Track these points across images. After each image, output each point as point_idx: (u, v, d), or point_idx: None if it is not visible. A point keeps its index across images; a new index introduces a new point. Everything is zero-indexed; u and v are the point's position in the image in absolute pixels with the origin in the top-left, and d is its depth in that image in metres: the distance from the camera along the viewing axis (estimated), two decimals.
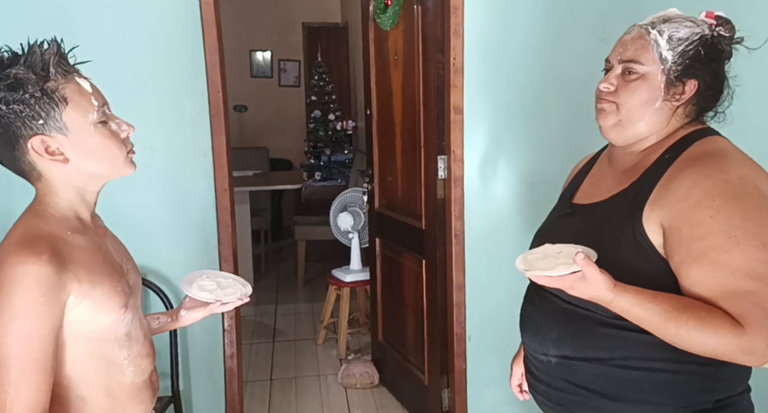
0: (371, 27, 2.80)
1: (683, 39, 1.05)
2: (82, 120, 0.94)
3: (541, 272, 0.93)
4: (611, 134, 1.12)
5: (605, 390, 1.06)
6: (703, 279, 0.95)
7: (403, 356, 2.79)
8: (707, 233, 0.94)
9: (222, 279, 1.21)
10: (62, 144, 0.94)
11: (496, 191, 2.32)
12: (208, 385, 2.31)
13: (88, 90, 0.95)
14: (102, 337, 0.98)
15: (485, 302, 2.35)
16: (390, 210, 2.82)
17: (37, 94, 0.90)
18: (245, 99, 6.00)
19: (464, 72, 2.21)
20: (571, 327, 1.09)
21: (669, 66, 1.05)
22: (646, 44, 1.06)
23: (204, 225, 2.22)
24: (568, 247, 0.98)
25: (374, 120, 2.89)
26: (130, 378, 1.03)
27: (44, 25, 2.00)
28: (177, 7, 2.10)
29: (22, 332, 0.87)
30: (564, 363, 1.11)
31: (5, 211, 2.05)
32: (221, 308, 1.17)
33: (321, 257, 4.89)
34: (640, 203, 1.03)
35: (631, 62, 1.07)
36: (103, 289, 0.95)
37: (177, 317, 1.22)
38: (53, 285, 0.88)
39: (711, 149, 1.03)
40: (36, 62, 0.91)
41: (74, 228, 0.97)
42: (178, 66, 2.12)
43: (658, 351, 1.01)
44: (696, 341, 0.92)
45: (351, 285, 3.38)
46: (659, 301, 0.93)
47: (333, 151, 5.57)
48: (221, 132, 2.18)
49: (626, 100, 1.08)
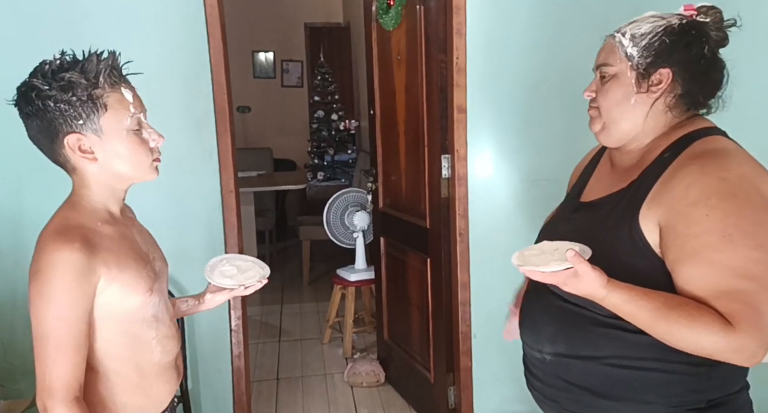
0: (374, 27, 2.81)
1: (646, 33, 1.07)
2: (116, 126, 1.04)
3: (534, 267, 0.95)
4: (601, 138, 1.15)
5: (597, 388, 1.07)
6: (696, 277, 0.95)
7: (408, 354, 2.80)
8: (702, 231, 0.95)
9: (242, 263, 1.29)
10: (94, 144, 1.04)
11: (499, 189, 2.33)
12: (216, 384, 2.33)
13: (129, 100, 1.06)
14: (130, 318, 1.08)
15: (490, 300, 2.36)
16: (394, 209, 2.83)
17: (83, 98, 1.01)
18: (248, 100, 6.01)
19: (467, 71, 2.22)
20: (566, 324, 1.11)
21: (636, 61, 1.07)
22: (613, 47, 1.10)
23: (210, 226, 2.24)
24: (564, 244, 0.99)
25: (378, 120, 2.90)
26: (157, 357, 1.14)
27: (51, 28, 2.03)
28: (181, 9, 2.11)
29: (59, 312, 0.98)
30: (558, 361, 1.12)
31: (16, 212, 2.08)
32: (243, 291, 1.26)
33: (325, 257, 4.91)
34: (637, 202, 1.04)
35: (602, 66, 1.12)
36: (130, 273, 1.06)
37: (203, 300, 1.32)
38: (84, 270, 0.99)
39: (712, 147, 1.02)
40: (90, 70, 1.02)
41: (103, 219, 1.08)
42: (183, 68, 2.14)
43: (650, 351, 1.02)
44: (686, 339, 0.93)
45: (356, 284, 3.40)
46: (651, 298, 0.94)
47: (336, 151, 5.58)
48: (226, 133, 2.20)
49: (603, 101, 1.12)
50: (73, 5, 2.05)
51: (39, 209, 1.14)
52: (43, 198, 1.36)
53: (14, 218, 2.07)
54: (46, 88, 1.00)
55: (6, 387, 2.01)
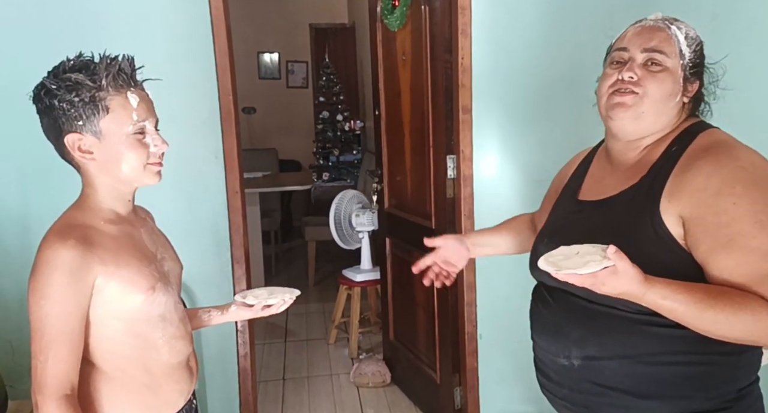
0: (379, 28, 2.81)
1: (694, 39, 1.08)
2: (116, 129, 1.05)
3: (571, 270, 0.90)
4: (629, 126, 1.08)
5: (634, 388, 1.05)
6: (734, 266, 0.95)
7: (414, 355, 2.80)
8: (732, 219, 0.95)
9: (276, 290, 1.34)
10: (93, 145, 1.06)
11: (505, 189, 2.33)
12: (222, 385, 2.34)
13: (132, 105, 1.06)
14: (134, 316, 1.08)
15: (496, 301, 2.35)
16: (400, 210, 2.83)
17: (86, 100, 1.03)
18: (253, 101, 6.02)
19: (472, 71, 2.22)
20: (595, 325, 1.07)
21: (686, 63, 1.07)
22: (669, 37, 1.07)
23: (216, 227, 2.24)
24: (584, 247, 0.96)
25: (383, 120, 2.90)
26: (165, 357, 1.13)
27: (58, 33, 2.04)
28: (188, 11, 2.12)
29: (51, 308, 0.99)
30: (589, 364, 1.08)
31: (23, 214, 2.09)
32: (265, 311, 1.30)
33: (331, 258, 4.91)
34: (655, 196, 1.03)
35: (657, 52, 1.06)
36: (130, 271, 1.06)
37: (227, 311, 1.34)
38: (78, 267, 1.00)
39: (716, 139, 1.05)
40: (97, 72, 1.03)
41: (108, 219, 1.09)
42: (188, 70, 2.14)
43: (684, 344, 1.01)
44: (734, 327, 0.92)
45: (362, 285, 3.40)
46: (691, 291, 0.93)
47: (341, 151, 5.58)
48: (232, 135, 2.20)
49: (652, 89, 1.06)
50: (80, 8, 2.06)
51: (46, 212, 1.15)
52: (50, 201, 1.37)
53: (22, 220, 2.08)
54: (54, 87, 1.02)
55: (15, 388, 2.02)
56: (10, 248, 2.10)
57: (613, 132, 1.13)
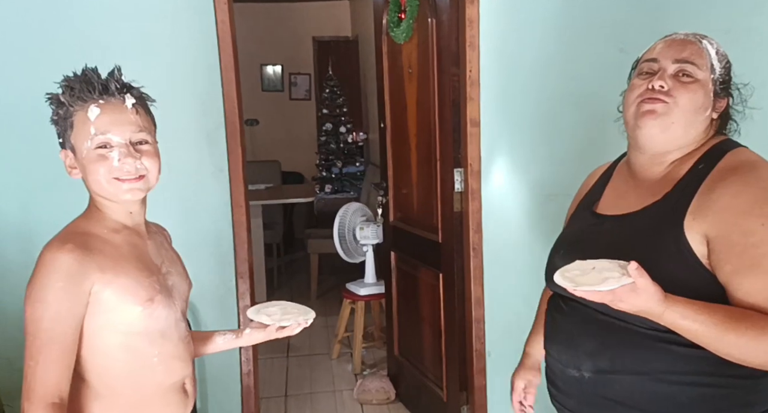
0: (384, 40, 2.80)
1: (724, 56, 1.08)
2: (80, 145, 1.04)
3: (590, 287, 0.88)
4: (658, 136, 1.06)
5: (644, 405, 1.03)
6: (760, 288, 0.93)
7: (420, 371, 2.75)
8: (761, 240, 0.93)
9: (289, 307, 1.27)
10: (74, 161, 1.07)
11: (513, 203, 2.30)
12: (224, 403, 2.29)
13: (90, 119, 1.02)
14: (131, 329, 1.04)
15: (505, 317, 2.31)
16: (405, 223, 2.80)
17: (63, 116, 1.04)
18: (256, 113, 6.02)
19: (480, 85, 2.20)
20: (609, 338, 1.05)
21: (717, 77, 1.06)
22: (700, 50, 1.07)
23: (220, 241, 2.21)
24: (601, 262, 0.94)
25: (389, 133, 2.88)
26: (159, 377, 1.08)
27: (63, 49, 2.02)
28: (193, 26, 2.11)
29: (44, 312, 0.97)
30: (599, 378, 1.06)
31: (25, 229, 2.06)
32: (279, 332, 1.23)
33: (334, 271, 4.87)
34: (680, 214, 1.01)
35: (688, 63, 1.05)
36: (128, 280, 1.03)
37: (241, 334, 1.28)
38: (74, 272, 0.98)
39: (744, 159, 1.03)
40: (72, 86, 1.03)
41: (111, 228, 1.08)
42: (194, 84, 2.13)
43: (700, 365, 0.98)
44: (757, 351, 0.90)
45: (365, 299, 3.36)
46: (712, 312, 0.91)
47: (344, 163, 5.56)
48: (237, 148, 2.18)
49: (686, 101, 1.04)
50: (86, 23, 2.05)
51: (48, 228, 1.12)
52: (52, 216, 1.34)
53: (24, 235, 2.05)
54: (51, 105, 1.06)
55: (12, 407, 1.97)
56: (10, 264, 2.06)
57: (639, 143, 1.10)
